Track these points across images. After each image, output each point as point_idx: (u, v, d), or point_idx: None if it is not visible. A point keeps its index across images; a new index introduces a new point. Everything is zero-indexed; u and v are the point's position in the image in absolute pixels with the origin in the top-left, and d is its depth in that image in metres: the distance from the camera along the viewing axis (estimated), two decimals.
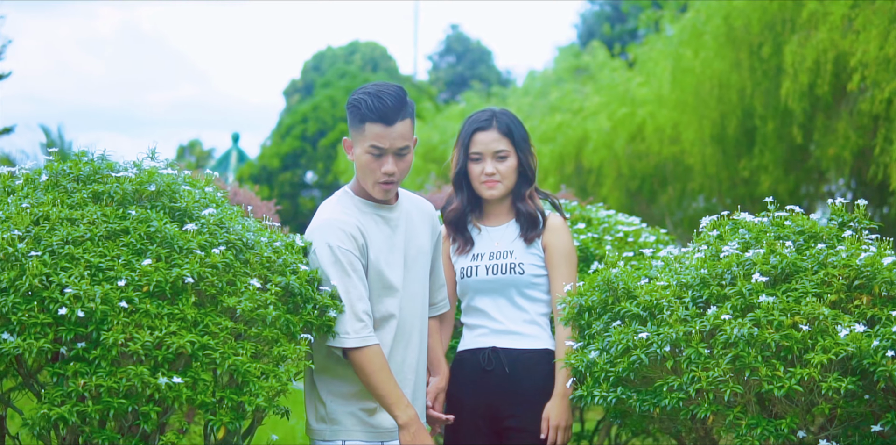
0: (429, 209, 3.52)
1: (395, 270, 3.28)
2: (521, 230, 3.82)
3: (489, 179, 3.80)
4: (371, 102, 3.14)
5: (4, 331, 2.68)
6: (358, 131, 3.19)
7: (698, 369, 2.82)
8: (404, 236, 3.34)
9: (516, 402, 3.66)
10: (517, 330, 3.73)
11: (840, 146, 9.84)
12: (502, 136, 3.81)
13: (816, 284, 2.94)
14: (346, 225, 3.20)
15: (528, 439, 3.62)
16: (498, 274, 3.75)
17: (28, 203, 3.01)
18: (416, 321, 3.35)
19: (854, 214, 3.34)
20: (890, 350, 2.67)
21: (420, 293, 3.38)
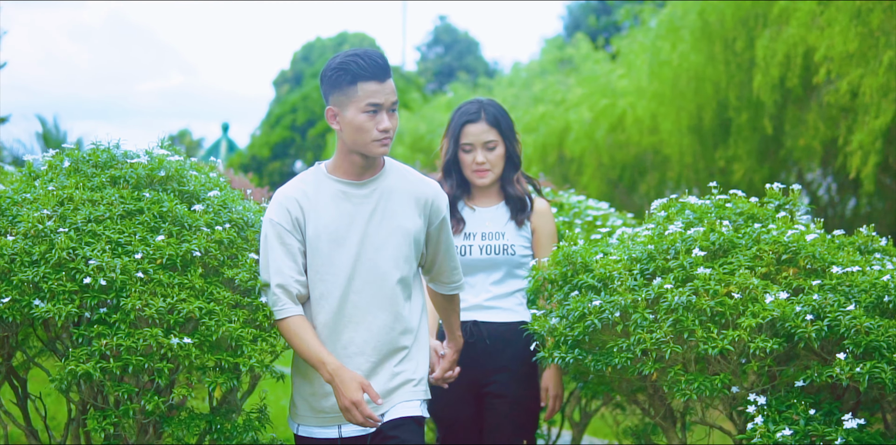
0: (425, 190, 3.34)
1: (344, 249, 3.19)
2: (512, 213, 4.09)
3: (480, 167, 4.06)
4: (362, 61, 3.11)
5: (36, 298, 3.06)
6: (348, 94, 3.13)
7: (643, 332, 3.21)
8: (373, 216, 3.24)
9: (496, 370, 3.95)
10: (497, 305, 4.02)
11: (810, 137, 10.20)
12: (491, 127, 4.05)
13: (749, 258, 3.34)
14: (285, 199, 3.21)
15: (506, 404, 3.94)
16: (491, 254, 4.02)
17: (53, 186, 3.39)
18: (371, 302, 3.21)
19: (788, 197, 3.74)
20: (810, 315, 3.07)
21: (381, 274, 3.22)
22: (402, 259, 3.26)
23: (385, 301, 3.22)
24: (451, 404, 3.96)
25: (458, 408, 4.00)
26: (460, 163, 4.12)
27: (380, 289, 3.21)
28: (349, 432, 3.19)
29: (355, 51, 3.16)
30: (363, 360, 3.19)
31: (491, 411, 4.00)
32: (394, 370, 3.23)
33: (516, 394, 3.98)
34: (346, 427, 3.19)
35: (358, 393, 3.01)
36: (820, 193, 13.67)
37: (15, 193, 3.42)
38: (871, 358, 3.03)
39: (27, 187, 3.49)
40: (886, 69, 7.92)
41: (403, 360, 3.27)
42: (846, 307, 3.08)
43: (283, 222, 3.17)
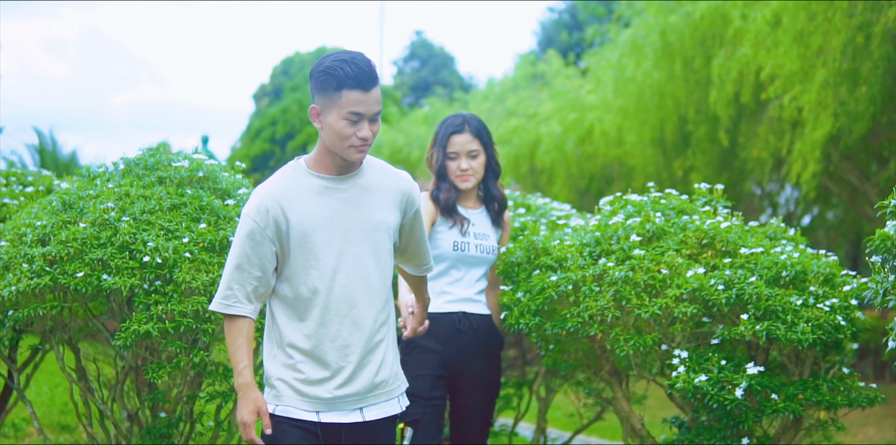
0: (401, 184, 3.36)
1: (328, 244, 3.19)
2: (492, 215, 4.52)
3: (464, 173, 4.41)
4: (349, 68, 3.06)
5: (104, 273, 3.83)
6: (332, 99, 3.09)
7: (591, 301, 4.01)
8: (355, 211, 3.23)
9: (476, 356, 4.37)
10: (477, 299, 4.43)
11: (762, 148, 11.05)
12: (474, 137, 4.42)
13: (677, 242, 4.14)
14: (266, 196, 3.16)
15: (481, 385, 4.41)
16: (483, 253, 4.42)
17: (112, 184, 4.16)
18: (351, 294, 3.21)
19: (712, 194, 4.56)
20: (721, 286, 3.88)
21: (363, 268, 3.24)
22: (384, 253, 3.28)
23: (369, 294, 3.23)
24: (439, 383, 4.30)
25: (437, 389, 4.30)
26: (447, 170, 4.47)
27: (364, 282, 3.22)
28: (327, 418, 3.21)
29: (345, 55, 3.10)
30: (351, 352, 3.20)
31: (467, 391, 4.40)
32: (378, 365, 3.26)
33: (491, 378, 4.45)
34: (324, 413, 3.21)
35: (250, 416, 3.09)
36: (780, 200, 14.57)
37: (79, 190, 4.19)
38: (768, 319, 3.83)
39: (88, 185, 4.25)
40: (822, 87, 8.77)
41: (384, 356, 3.29)
42: (750, 280, 3.89)
43: (258, 220, 3.13)
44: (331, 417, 3.21)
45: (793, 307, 3.84)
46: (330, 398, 3.19)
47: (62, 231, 3.93)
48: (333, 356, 3.19)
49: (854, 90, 8.76)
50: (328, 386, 3.19)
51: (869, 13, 8.44)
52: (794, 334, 3.75)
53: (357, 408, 3.24)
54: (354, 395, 3.22)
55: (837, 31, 8.57)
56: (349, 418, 3.23)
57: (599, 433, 9.49)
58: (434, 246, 4.39)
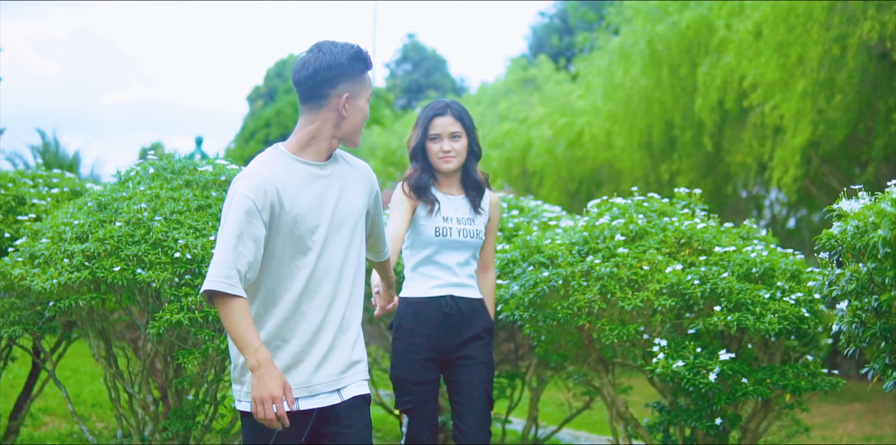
0: (366, 170, 3.50)
1: (317, 229, 3.25)
2: (471, 202, 4.53)
3: (446, 155, 4.45)
4: (364, 52, 3.24)
5: (138, 268, 4.22)
6: (361, 81, 3.25)
7: (579, 294, 4.42)
8: (336, 196, 3.31)
9: (470, 338, 4.41)
10: (466, 283, 4.47)
11: (745, 153, 11.48)
12: (456, 120, 4.46)
13: (657, 242, 4.56)
14: (263, 180, 3.16)
15: (477, 364, 4.40)
16: (467, 237, 4.45)
17: (144, 187, 4.56)
18: (329, 277, 3.28)
19: (691, 198, 4.98)
20: (697, 281, 4.30)
21: (341, 252, 3.31)
22: (360, 236, 3.37)
23: (345, 278, 3.30)
24: (428, 367, 4.37)
25: (433, 372, 4.39)
26: (427, 152, 4.50)
27: (342, 266, 3.29)
28: (306, 405, 3.22)
29: (349, 43, 3.24)
30: (325, 333, 3.25)
31: (463, 370, 4.40)
32: (352, 345, 3.31)
33: (485, 357, 4.44)
34: (303, 400, 3.22)
35: (280, 390, 2.98)
36: (765, 203, 14.99)
37: (112, 192, 4.59)
38: (739, 311, 4.25)
39: (120, 187, 4.65)
40: (801, 96, 9.21)
41: (356, 337, 3.35)
42: (723, 276, 4.30)
43: (256, 201, 3.12)
44: (309, 403, 3.22)
45: (761, 300, 4.26)
46: (306, 382, 3.21)
47: (99, 230, 4.33)
48: (308, 337, 3.22)
49: (831, 99, 9.21)
50: (304, 370, 3.21)
51: (845, 26, 8.88)
52: (762, 324, 4.17)
53: (335, 390, 3.26)
54: (331, 375, 3.24)
55: (815, 43, 9.01)
56: (328, 400, 3.25)
57: (588, 427, 9.91)
58: (417, 233, 4.45)
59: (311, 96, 3.22)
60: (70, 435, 7.50)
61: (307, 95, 3.23)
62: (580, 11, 28.87)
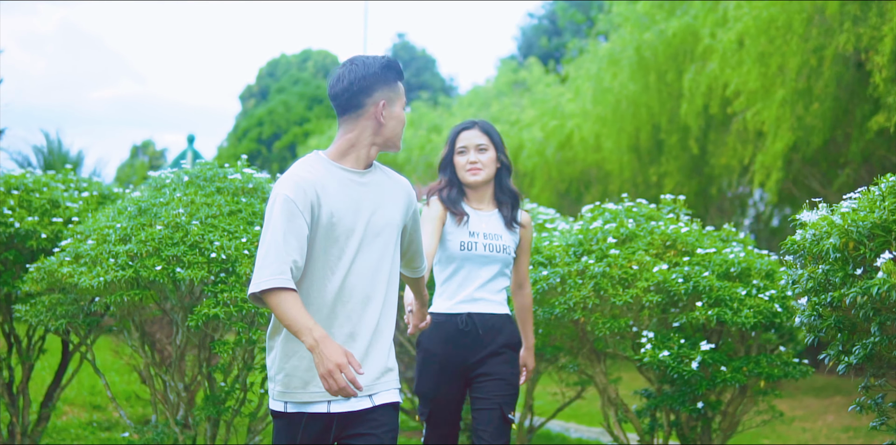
0: (405, 185, 3.53)
1: (353, 233, 3.30)
2: (505, 213, 4.56)
3: (473, 166, 4.49)
4: (394, 62, 3.35)
5: (178, 267, 4.68)
6: (395, 90, 3.36)
7: (575, 291, 4.89)
8: (374, 204, 3.36)
9: (489, 355, 4.41)
10: (490, 298, 4.46)
11: (729, 157, 11.98)
12: (483, 133, 4.53)
13: (645, 244, 5.04)
14: (303, 181, 3.23)
15: (496, 381, 4.39)
16: (493, 252, 4.46)
17: (180, 193, 5.01)
18: (363, 283, 3.31)
19: (675, 204, 5.46)
20: (680, 279, 4.77)
21: (375, 259, 3.35)
22: (394, 246, 3.41)
23: (379, 285, 3.33)
24: (443, 384, 4.41)
25: (449, 388, 4.42)
26: (455, 166, 4.56)
27: (376, 273, 3.33)
28: (338, 408, 3.26)
29: (378, 55, 3.38)
30: (360, 338, 3.30)
31: (482, 387, 4.39)
32: (386, 353, 3.36)
33: (505, 373, 4.42)
34: (335, 403, 3.25)
35: (343, 357, 2.98)
36: (750, 202, 15.50)
37: (151, 197, 5.05)
38: (719, 306, 4.73)
39: (157, 194, 5.10)
40: (780, 103, 9.71)
41: (389, 346, 3.39)
42: (704, 274, 4.79)
43: (298, 202, 3.19)
44: (341, 407, 3.26)
45: (738, 297, 4.74)
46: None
47: (141, 232, 4.78)
48: (341, 341, 3.25)
49: (810, 107, 9.72)
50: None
51: (822, 38, 9.39)
52: (739, 318, 4.65)
53: (367, 395, 3.29)
54: (364, 381, 3.26)
55: (794, 54, 9.51)
56: (360, 405, 3.29)
57: (577, 419, 10.41)
58: (443, 247, 4.47)
59: (348, 107, 3.30)
60: (90, 424, 7.96)
61: (345, 106, 3.31)
62: (568, 13, 29.32)
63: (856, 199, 3.19)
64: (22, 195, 5.87)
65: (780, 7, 9.55)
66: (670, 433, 5.23)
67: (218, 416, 5.01)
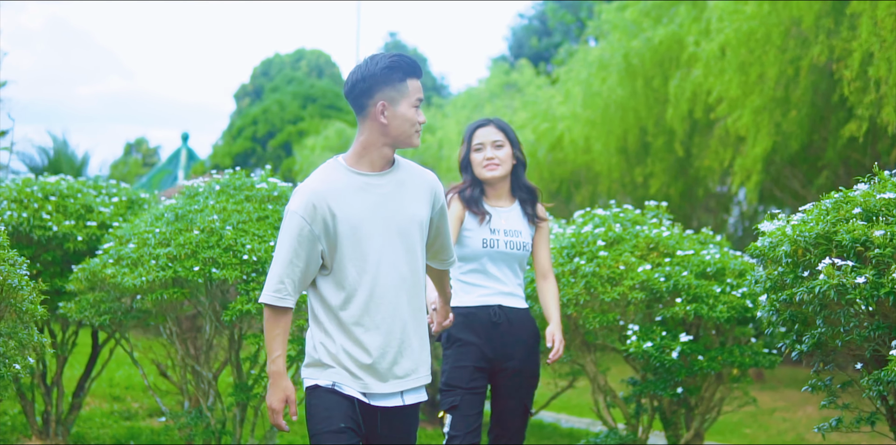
0: (430, 179, 3.59)
1: (371, 236, 3.39)
2: (525, 210, 4.72)
3: (489, 162, 4.61)
4: (407, 60, 3.38)
5: (213, 268, 5.22)
6: (400, 90, 3.37)
7: (568, 289, 5.45)
8: (394, 204, 3.44)
9: (517, 348, 4.63)
10: (514, 292, 4.70)
11: (712, 159, 12.53)
12: (498, 130, 4.67)
13: (631, 246, 5.60)
14: (312, 194, 3.34)
15: (522, 374, 4.64)
16: (514, 249, 4.65)
17: (213, 201, 5.56)
18: (392, 286, 3.42)
19: (658, 210, 6.04)
20: (662, 278, 5.34)
21: (401, 259, 3.45)
22: (419, 243, 3.50)
23: (407, 283, 3.45)
24: (477, 373, 4.56)
25: (480, 378, 4.58)
26: (472, 163, 4.68)
27: (402, 271, 3.44)
28: (373, 401, 3.44)
29: (393, 53, 3.41)
30: (393, 338, 3.43)
31: (509, 383, 4.63)
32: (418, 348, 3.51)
33: (530, 367, 4.67)
34: (371, 398, 3.44)
35: (279, 404, 3.35)
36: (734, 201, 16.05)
37: (186, 204, 5.59)
38: (696, 302, 5.30)
39: (191, 201, 5.65)
40: (759, 110, 10.30)
41: (422, 341, 3.55)
42: (683, 274, 5.36)
43: (306, 217, 3.32)
44: (376, 401, 3.44)
45: (714, 294, 5.31)
46: (378, 382, 3.42)
47: (179, 236, 5.33)
48: (377, 342, 3.40)
49: (787, 114, 10.30)
50: (376, 371, 3.42)
51: (798, 49, 9.98)
52: (714, 312, 5.22)
53: (398, 393, 3.48)
54: (398, 379, 3.44)
55: (772, 64, 10.09)
56: (391, 402, 3.47)
57: (568, 410, 10.97)
58: (464, 244, 4.59)
59: (356, 109, 3.42)
60: (111, 414, 8.50)
61: (354, 108, 3.42)
62: (558, 14, 29.81)
63: (807, 211, 3.77)
64: (59, 201, 6.39)
65: (759, 20, 10.12)
66: (654, 416, 5.80)
67: (247, 401, 5.56)
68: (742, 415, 11.10)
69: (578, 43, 17.39)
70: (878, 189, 3.54)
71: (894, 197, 3.41)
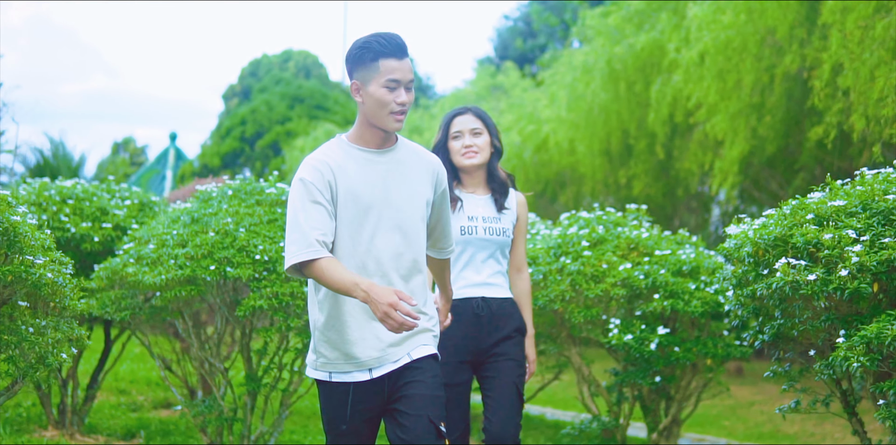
0: (432, 161, 3.62)
1: (370, 209, 3.43)
2: (496, 201, 4.64)
3: (468, 150, 4.57)
4: (383, 40, 3.35)
5: (228, 266, 5.64)
6: (371, 70, 3.37)
7: (555, 286, 5.90)
8: (395, 181, 3.48)
9: (502, 338, 4.59)
10: (494, 282, 4.62)
11: (692, 161, 13.00)
12: (476, 118, 4.62)
13: (613, 247, 6.06)
14: (317, 162, 3.41)
15: (510, 362, 4.58)
16: (493, 235, 4.56)
17: (226, 205, 5.98)
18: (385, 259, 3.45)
19: (639, 213, 6.50)
20: (641, 276, 5.79)
21: (398, 235, 3.48)
22: (419, 220, 3.54)
23: (402, 259, 3.49)
24: (457, 367, 4.52)
25: (462, 371, 4.54)
26: (449, 151, 4.62)
27: (397, 247, 3.48)
28: (379, 372, 3.48)
29: (377, 32, 3.40)
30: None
31: (494, 367, 4.55)
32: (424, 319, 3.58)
33: (518, 355, 4.62)
34: (375, 369, 3.48)
35: (393, 296, 3.08)
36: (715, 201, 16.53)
37: (200, 209, 6.02)
38: (672, 298, 5.76)
39: (205, 206, 6.07)
40: (736, 116, 10.78)
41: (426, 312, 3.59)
42: (661, 272, 5.81)
43: (315, 182, 3.37)
44: (381, 370, 3.48)
45: (689, 290, 5.78)
46: (378, 355, 3.46)
47: (195, 238, 5.75)
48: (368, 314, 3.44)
49: (762, 119, 10.79)
50: (373, 343, 3.46)
51: (773, 58, 10.47)
52: (689, 307, 5.68)
53: (406, 353, 3.51)
54: (398, 345, 3.49)
55: (749, 72, 10.57)
56: (399, 363, 3.50)
57: (553, 404, 11.43)
58: None
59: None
60: (119, 406, 8.91)
61: None
62: (543, 16, 30.24)
63: (769, 216, 4.24)
64: (75, 204, 6.81)
65: (736, 29, 10.59)
66: (634, 404, 6.26)
67: (257, 390, 5.99)
68: (721, 408, 11.61)
69: (563, 45, 17.80)
70: (829, 197, 4.02)
71: (843, 204, 3.88)
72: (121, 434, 7.38)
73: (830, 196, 4.04)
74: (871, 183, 3.99)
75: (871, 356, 3.55)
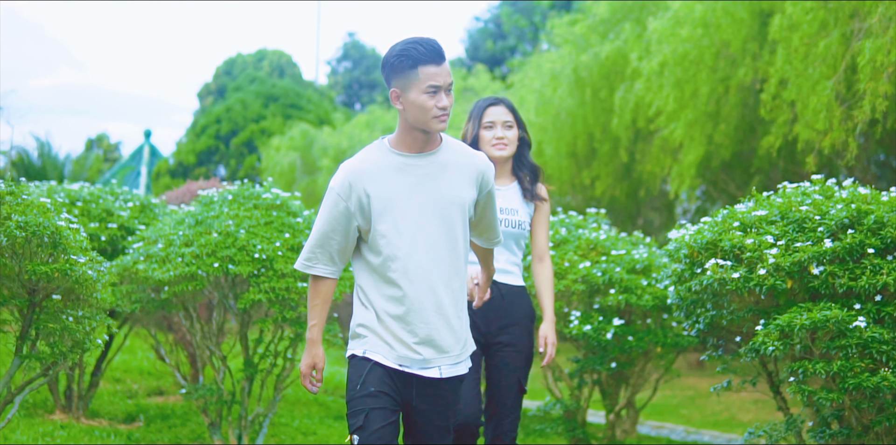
0: (477, 163, 3.59)
1: (406, 215, 3.45)
2: (523, 188, 4.72)
3: (499, 142, 4.63)
4: (421, 46, 3.34)
5: (230, 264, 6.29)
6: (410, 78, 3.37)
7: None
8: (433, 187, 3.48)
9: (509, 324, 4.66)
10: (508, 270, 4.70)
11: (653, 164, 13.70)
12: (509, 111, 4.69)
13: (574, 247, 6.77)
14: (349, 171, 3.45)
15: (515, 351, 4.66)
16: (509, 227, 4.65)
17: (227, 209, 6.63)
18: (426, 265, 3.47)
19: (598, 216, 7.22)
20: (599, 273, 6.50)
21: (438, 238, 3.49)
22: (458, 225, 3.53)
23: (443, 262, 3.50)
24: None
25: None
26: (480, 140, 4.65)
27: (438, 253, 3.49)
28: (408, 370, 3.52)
29: (414, 38, 3.38)
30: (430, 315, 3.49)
31: (502, 357, 4.63)
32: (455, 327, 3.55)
33: (523, 344, 4.67)
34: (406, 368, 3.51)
35: (307, 369, 3.53)
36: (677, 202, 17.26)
37: (202, 212, 6.66)
38: (627, 293, 6.47)
39: (207, 209, 6.72)
40: (692, 124, 11.52)
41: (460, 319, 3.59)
42: (617, 270, 6.53)
43: (342, 194, 3.43)
44: (412, 370, 3.52)
45: (641, 286, 6.49)
46: (413, 357, 3.49)
47: (200, 238, 6.38)
48: (413, 318, 3.47)
49: (717, 126, 11.54)
50: (411, 347, 3.49)
51: (728, 69, 11.23)
52: (641, 301, 6.40)
53: (436, 366, 3.54)
54: (434, 355, 3.51)
55: (705, 82, 11.32)
56: (427, 373, 3.53)
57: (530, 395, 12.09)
58: None
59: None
60: (116, 393, 9.51)
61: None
62: (513, 18, 30.93)
63: (705, 222, 4.96)
64: (83, 206, 7.43)
65: (693, 43, 11.31)
66: (593, 388, 6.98)
67: (254, 375, 6.64)
68: (681, 398, 12.34)
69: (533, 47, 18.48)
70: (754, 208, 4.75)
71: (765, 214, 4.61)
72: (122, 418, 8.00)
73: (755, 207, 4.76)
74: (790, 195, 4.72)
75: (785, 342, 4.28)
